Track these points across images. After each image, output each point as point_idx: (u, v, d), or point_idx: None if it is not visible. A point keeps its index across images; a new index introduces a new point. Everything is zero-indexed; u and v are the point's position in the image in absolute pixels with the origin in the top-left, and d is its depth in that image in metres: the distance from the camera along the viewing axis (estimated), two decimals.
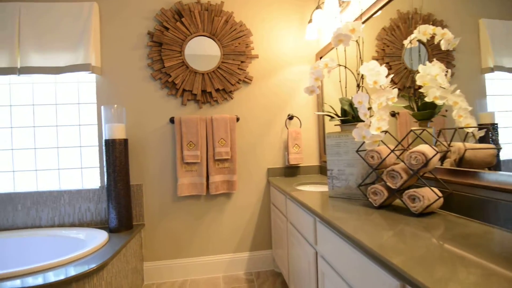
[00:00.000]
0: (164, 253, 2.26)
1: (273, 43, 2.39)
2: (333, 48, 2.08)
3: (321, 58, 2.28)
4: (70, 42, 2.08)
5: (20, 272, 1.38)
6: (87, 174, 2.25)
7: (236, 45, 2.29)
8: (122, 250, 1.81)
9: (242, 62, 2.31)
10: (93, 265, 1.46)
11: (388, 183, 1.11)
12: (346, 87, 1.51)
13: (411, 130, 1.12)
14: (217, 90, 2.30)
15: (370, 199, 1.17)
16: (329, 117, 1.49)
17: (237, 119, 2.30)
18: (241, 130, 2.35)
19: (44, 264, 1.45)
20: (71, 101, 2.24)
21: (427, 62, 1.18)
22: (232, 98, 2.33)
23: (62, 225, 2.15)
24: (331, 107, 1.53)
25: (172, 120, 2.23)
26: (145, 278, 2.23)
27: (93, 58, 2.09)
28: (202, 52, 2.25)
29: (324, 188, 1.88)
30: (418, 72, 1.17)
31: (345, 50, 1.66)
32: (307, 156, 2.43)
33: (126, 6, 2.21)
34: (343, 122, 1.39)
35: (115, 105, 2.06)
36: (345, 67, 1.42)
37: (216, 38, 2.26)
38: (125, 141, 2.06)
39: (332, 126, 2.18)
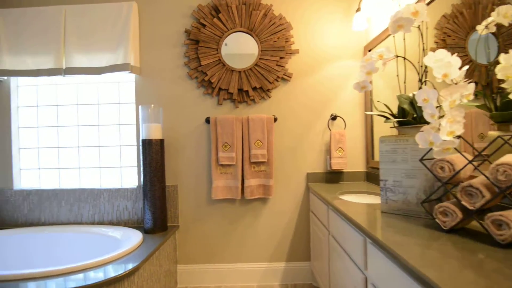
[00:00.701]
0: (197, 256, 2.20)
1: (316, 36, 2.19)
2: (385, 38, 1.83)
3: (369, 51, 2.03)
4: (111, 42, 2.11)
5: (53, 272, 1.38)
6: (126, 173, 2.28)
7: (275, 40, 2.14)
8: (155, 254, 1.77)
9: (281, 58, 2.15)
10: (122, 271, 1.42)
11: (463, 202, 0.88)
12: (405, 82, 1.28)
13: (499, 137, 0.87)
14: (254, 89, 2.17)
15: (437, 220, 0.94)
16: (383, 118, 1.27)
17: (275, 119, 2.15)
18: (278, 131, 2.20)
19: (78, 265, 1.44)
20: (112, 101, 2.28)
21: (510, 51, 0.92)
22: (269, 97, 2.19)
23: (101, 223, 2.19)
24: (386, 106, 1.31)
25: (207, 120, 2.16)
26: (178, 281, 2.19)
27: (132, 58, 2.09)
28: (239, 48, 2.14)
29: (373, 200, 1.65)
30: (498, 63, 0.92)
31: (404, 39, 1.42)
32: (351, 160, 2.19)
33: (164, 4, 2.18)
34: (401, 124, 1.17)
35: (152, 105, 2.03)
36: (405, 58, 1.19)
37: (254, 34, 2.14)
38: (161, 141, 2.03)
39: (383, 128, 1.93)
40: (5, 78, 2.19)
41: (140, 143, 2.00)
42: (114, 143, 2.27)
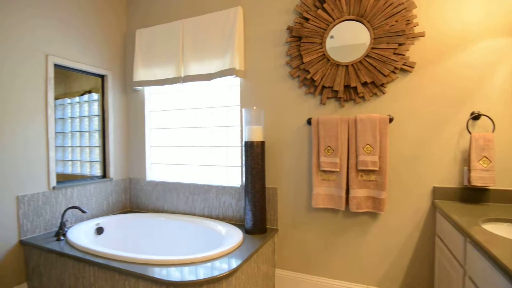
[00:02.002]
0: (294, 264, 2.11)
1: (447, 11, 1.71)
2: None
3: None
4: (219, 49, 2.22)
5: (162, 262, 1.54)
6: (232, 172, 2.39)
7: (392, 24, 1.78)
8: (253, 256, 1.77)
9: (400, 45, 1.78)
10: (223, 271, 1.46)
11: None
12: None
13: None
14: (364, 84, 1.88)
15: None
16: None
17: (390, 120, 1.80)
18: (394, 134, 1.84)
19: (186, 258, 1.57)
20: (222, 104, 2.42)
21: None
22: (383, 93, 1.85)
23: (210, 216, 2.38)
24: None
25: (309, 122, 2.01)
26: (276, 285, 2.15)
27: (237, 62, 2.15)
28: (347, 39, 1.89)
29: None
30: None
31: None
32: (502, 175, 1.63)
33: (266, 2, 2.14)
34: None
35: (254, 107, 2.04)
36: None
37: (364, 20, 1.84)
38: (262, 143, 2.02)
39: None
40: (141, 87, 2.63)
41: (243, 145, 2.04)
42: (223, 143, 2.41)
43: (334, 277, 1.99)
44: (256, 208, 2.01)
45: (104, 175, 2.61)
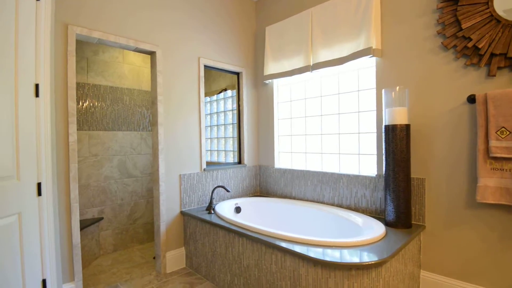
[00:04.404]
0: (444, 268, 1.79)
1: None
2: None
3: None
4: (352, 30, 2.12)
5: (309, 241, 1.56)
6: (364, 161, 2.25)
7: None
8: (402, 251, 1.60)
9: None
10: (371, 259, 1.36)
11: None
12: None
13: None
14: None
15: None
16: None
17: None
18: None
19: (328, 240, 1.55)
20: (352, 89, 2.31)
21: None
22: None
23: (340, 206, 2.30)
24: None
25: (471, 99, 1.67)
26: None
27: (373, 41, 2.00)
28: None
29: None
30: None
31: None
32: None
33: None
34: None
35: (397, 87, 1.84)
36: None
37: None
38: (407, 126, 1.81)
39: None
40: (270, 81, 2.79)
41: (383, 129, 1.88)
42: (353, 130, 2.30)
43: None
44: (399, 199, 1.82)
45: (239, 161, 2.91)
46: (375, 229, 1.73)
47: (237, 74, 2.89)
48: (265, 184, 2.93)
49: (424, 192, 1.89)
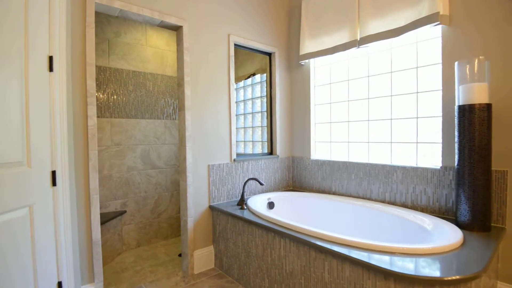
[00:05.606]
0: None
1: None
2: None
3: None
4: None
5: (372, 247, 1.26)
6: (424, 150, 1.91)
7: None
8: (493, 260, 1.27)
9: None
10: (461, 273, 1.05)
11: None
12: None
13: None
14: None
15: None
16: None
17: None
18: None
19: (397, 246, 1.25)
20: (408, 66, 1.97)
21: None
22: None
23: (393, 203, 1.99)
24: None
25: None
26: None
27: (440, 6, 1.65)
28: None
29: None
30: None
31: None
32: None
33: None
34: None
35: (476, 59, 1.49)
36: None
37: None
38: (488, 106, 1.46)
39: None
40: (306, 61, 2.48)
41: (456, 110, 1.54)
42: (409, 115, 1.96)
43: None
44: (477, 196, 1.48)
45: (271, 152, 2.64)
46: (449, 233, 1.41)
47: (269, 55, 2.61)
48: (299, 177, 2.65)
49: (505, 187, 1.54)
